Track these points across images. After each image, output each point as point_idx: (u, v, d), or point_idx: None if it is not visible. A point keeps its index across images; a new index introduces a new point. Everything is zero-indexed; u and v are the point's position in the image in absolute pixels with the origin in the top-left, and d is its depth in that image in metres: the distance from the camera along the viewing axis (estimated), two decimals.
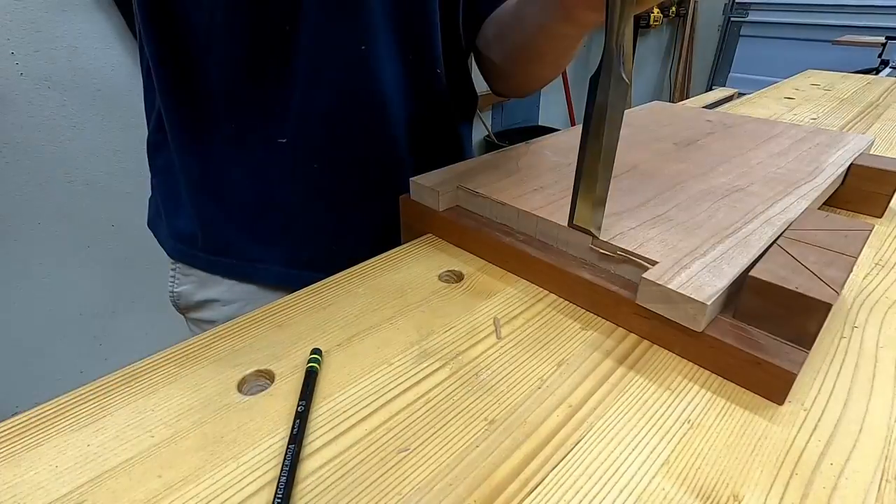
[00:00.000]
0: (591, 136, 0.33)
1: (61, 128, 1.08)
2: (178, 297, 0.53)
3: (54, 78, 1.04)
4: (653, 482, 0.24)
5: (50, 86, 1.04)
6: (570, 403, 0.28)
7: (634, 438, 0.26)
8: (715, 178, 0.45)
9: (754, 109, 0.87)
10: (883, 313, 0.35)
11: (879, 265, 0.41)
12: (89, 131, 1.11)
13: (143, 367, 0.30)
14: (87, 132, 1.11)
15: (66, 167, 1.11)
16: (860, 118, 0.82)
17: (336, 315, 0.35)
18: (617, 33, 0.29)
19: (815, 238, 0.33)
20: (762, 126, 0.60)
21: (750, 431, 0.26)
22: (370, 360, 0.31)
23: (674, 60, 3.54)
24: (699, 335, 0.29)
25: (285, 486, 0.22)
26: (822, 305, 0.27)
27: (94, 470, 0.24)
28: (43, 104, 1.04)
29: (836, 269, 0.30)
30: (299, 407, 0.26)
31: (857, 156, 0.50)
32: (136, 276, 1.27)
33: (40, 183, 1.08)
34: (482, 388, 0.29)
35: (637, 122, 0.62)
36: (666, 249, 0.33)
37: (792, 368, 0.27)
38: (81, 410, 0.27)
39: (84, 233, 1.18)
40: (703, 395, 0.29)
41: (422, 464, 0.24)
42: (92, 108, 1.10)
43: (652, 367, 0.30)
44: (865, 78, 1.13)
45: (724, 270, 0.30)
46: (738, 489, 0.23)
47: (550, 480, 0.24)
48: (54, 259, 1.16)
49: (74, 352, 1.26)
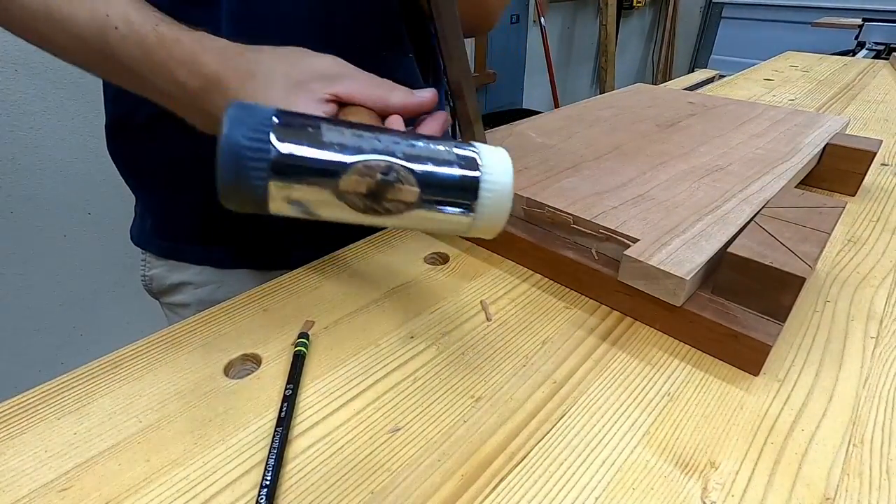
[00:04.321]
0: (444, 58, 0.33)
1: (31, 114, 1.04)
2: (150, 281, 0.52)
3: (22, 61, 1.00)
4: (634, 452, 0.24)
5: (18, 69, 1.00)
6: (554, 380, 0.28)
7: (616, 412, 0.27)
8: (696, 158, 0.45)
9: (735, 91, 0.88)
10: (854, 288, 0.36)
11: (852, 241, 0.42)
12: (60, 117, 1.08)
13: (128, 354, 0.29)
14: (57, 118, 1.08)
15: (38, 155, 1.07)
16: (836, 99, 0.84)
17: (322, 298, 0.35)
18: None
19: (791, 215, 0.34)
20: (742, 108, 0.61)
21: (727, 402, 0.27)
22: (357, 342, 0.31)
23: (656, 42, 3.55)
24: (679, 310, 0.30)
25: (274, 467, 0.23)
26: (796, 279, 0.28)
27: (81, 456, 0.23)
28: (12, 89, 1.00)
29: (811, 244, 0.31)
30: (287, 390, 0.27)
31: (832, 136, 0.51)
32: (115, 264, 1.25)
33: (11, 171, 1.05)
34: (468, 367, 0.29)
35: (620, 104, 0.62)
36: (647, 227, 0.33)
37: (767, 341, 0.28)
38: (66, 397, 0.26)
39: (59, 222, 1.15)
40: (683, 368, 0.29)
41: (410, 441, 0.25)
42: (63, 93, 1.07)
43: (633, 342, 0.31)
44: (842, 60, 1.15)
45: (703, 247, 0.31)
46: (714, 457, 0.24)
47: (536, 453, 0.24)
48: (30, 250, 1.13)
49: (55, 343, 1.24)
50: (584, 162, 0.44)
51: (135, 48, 0.31)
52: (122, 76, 0.34)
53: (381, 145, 0.19)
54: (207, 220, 0.48)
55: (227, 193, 0.18)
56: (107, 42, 0.31)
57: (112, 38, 0.31)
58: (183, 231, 0.49)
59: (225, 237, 0.49)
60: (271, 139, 0.17)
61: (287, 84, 0.30)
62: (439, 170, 0.20)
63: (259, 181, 0.18)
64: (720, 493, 0.23)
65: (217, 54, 0.31)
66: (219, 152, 0.17)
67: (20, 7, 0.32)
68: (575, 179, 0.40)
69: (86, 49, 0.33)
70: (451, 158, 0.20)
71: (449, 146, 0.21)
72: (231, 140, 0.17)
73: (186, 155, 0.45)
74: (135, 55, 0.32)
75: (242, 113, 0.18)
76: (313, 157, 0.18)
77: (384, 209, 0.20)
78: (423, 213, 0.20)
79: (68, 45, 0.33)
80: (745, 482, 0.23)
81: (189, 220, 0.49)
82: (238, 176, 0.17)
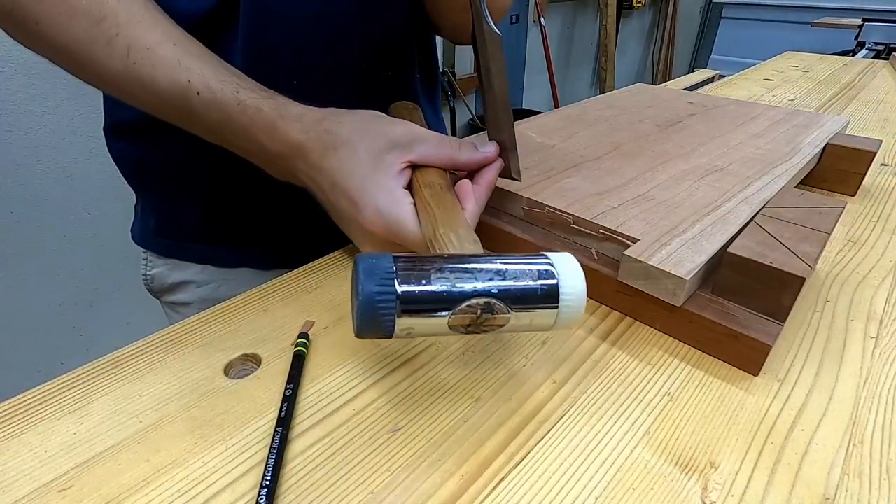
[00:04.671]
0: (486, 91, 0.35)
1: (31, 114, 1.04)
2: (151, 280, 0.53)
3: (22, 61, 1.00)
4: (634, 452, 0.24)
5: (18, 69, 1.00)
6: (554, 380, 0.28)
7: (616, 412, 0.27)
8: (695, 158, 0.45)
9: (735, 91, 0.88)
10: (854, 288, 0.36)
11: (851, 241, 0.42)
12: (60, 117, 1.08)
13: (127, 354, 0.29)
14: (58, 117, 1.08)
15: (38, 155, 1.07)
16: (836, 99, 0.84)
17: (322, 298, 0.35)
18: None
19: (791, 215, 0.34)
20: (742, 108, 0.61)
21: (727, 402, 0.27)
22: (357, 343, 0.31)
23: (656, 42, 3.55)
24: (679, 310, 0.30)
25: (274, 467, 0.23)
26: (796, 279, 0.28)
27: (81, 456, 0.23)
28: (12, 89, 1.00)
29: (810, 244, 0.31)
30: (287, 390, 0.27)
31: (832, 136, 0.51)
32: (115, 264, 1.25)
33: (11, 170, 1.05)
34: (468, 367, 0.29)
35: (620, 104, 0.62)
36: (647, 227, 0.33)
37: (767, 341, 0.28)
38: (66, 397, 0.26)
39: (59, 222, 1.15)
40: (683, 368, 0.29)
41: (410, 441, 0.25)
42: (63, 93, 1.07)
43: (633, 342, 0.31)
44: (842, 60, 1.15)
45: (703, 247, 0.31)
46: (714, 457, 0.24)
47: (536, 453, 0.24)
48: (30, 249, 1.13)
49: (55, 343, 1.24)
50: (584, 162, 0.44)
51: (216, 113, 0.33)
52: (200, 131, 0.36)
53: (481, 285, 0.23)
54: (209, 219, 0.49)
55: (362, 331, 0.23)
56: (188, 104, 0.33)
57: (194, 102, 0.33)
58: (185, 230, 0.49)
59: (226, 237, 0.49)
60: (396, 288, 0.22)
61: (368, 158, 0.32)
62: (526, 290, 0.24)
63: (389, 322, 0.22)
64: (720, 493, 0.23)
65: (297, 122, 0.33)
66: (356, 300, 0.22)
67: (98, 64, 0.32)
68: (575, 179, 0.40)
69: (166, 107, 0.34)
70: (534, 276, 0.24)
71: (529, 265, 0.25)
72: (366, 290, 0.22)
73: (188, 156, 0.45)
74: (216, 118, 0.33)
75: (371, 266, 0.22)
76: (427, 304, 0.23)
77: (481, 331, 0.24)
78: (514, 324, 0.24)
79: (147, 102, 0.34)
80: (745, 482, 0.23)
81: (191, 220, 0.49)
82: (373, 319, 0.22)
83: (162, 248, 0.51)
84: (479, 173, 0.36)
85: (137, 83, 0.33)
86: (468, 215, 0.32)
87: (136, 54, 0.32)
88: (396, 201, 0.31)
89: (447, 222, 0.30)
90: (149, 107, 0.35)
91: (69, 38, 0.32)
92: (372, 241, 0.33)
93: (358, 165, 0.32)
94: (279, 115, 0.33)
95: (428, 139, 0.34)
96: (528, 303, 0.24)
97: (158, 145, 0.46)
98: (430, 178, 0.33)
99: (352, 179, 0.32)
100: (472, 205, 0.33)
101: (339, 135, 0.33)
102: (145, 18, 0.33)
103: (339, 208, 0.33)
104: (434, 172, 0.34)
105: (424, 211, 0.31)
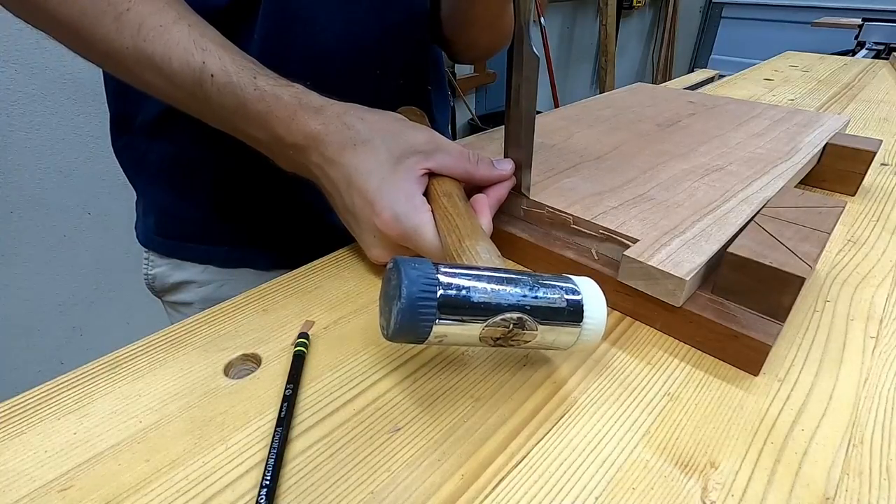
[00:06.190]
0: (511, 106, 0.35)
1: (31, 114, 1.04)
2: (153, 280, 0.53)
3: (23, 61, 1.00)
4: (634, 452, 0.24)
5: (18, 69, 1.00)
6: (554, 380, 0.28)
7: (616, 412, 0.27)
8: (695, 157, 0.45)
9: (735, 90, 0.88)
10: (854, 287, 0.36)
11: (851, 241, 0.42)
12: (60, 117, 1.08)
13: (127, 354, 0.29)
14: (57, 117, 1.08)
15: (38, 155, 1.07)
16: (836, 99, 0.84)
17: (322, 298, 0.35)
18: (524, 11, 0.31)
19: (791, 215, 0.34)
20: (742, 107, 0.61)
21: (727, 402, 0.27)
22: (357, 342, 0.31)
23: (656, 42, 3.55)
24: (678, 310, 0.30)
25: (274, 467, 0.23)
26: (796, 279, 0.28)
27: (81, 456, 0.23)
28: (12, 89, 1.00)
29: (811, 244, 0.31)
30: (287, 390, 0.27)
31: (832, 135, 0.51)
32: (115, 264, 1.25)
33: (11, 171, 1.05)
34: (468, 367, 0.29)
35: (620, 104, 0.62)
36: (647, 227, 0.33)
37: (767, 340, 0.28)
38: (66, 397, 0.26)
39: (59, 222, 1.15)
40: (683, 368, 0.29)
41: (410, 441, 0.25)
42: (63, 93, 1.07)
43: (633, 342, 0.31)
44: (842, 59, 1.15)
45: (703, 247, 0.31)
46: (714, 457, 0.24)
47: (536, 453, 0.24)
48: (30, 250, 1.13)
49: (54, 343, 1.24)
50: (584, 162, 0.44)
51: (230, 98, 0.32)
52: (210, 117, 0.34)
53: (514, 300, 0.24)
54: (211, 219, 0.49)
55: (398, 334, 0.23)
56: (201, 87, 0.31)
57: (207, 86, 0.31)
58: (187, 230, 0.49)
59: (228, 237, 0.49)
60: (438, 295, 0.22)
61: (389, 160, 0.32)
62: (555, 306, 0.25)
63: (426, 328, 0.22)
64: (720, 493, 0.23)
65: (317, 113, 0.32)
66: (396, 302, 0.22)
67: (105, 40, 0.31)
68: (575, 179, 0.40)
69: (176, 90, 0.32)
70: (561, 294, 0.25)
71: (556, 282, 0.25)
72: (410, 294, 0.21)
73: (191, 154, 0.45)
74: (229, 104, 0.32)
75: (415, 271, 0.22)
76: (466, 314, 0.23)
77: (508, 345, 0.25)
78: (539, 340, 0.25)
79: (156, 84, 0.33)
80: (745, 482, 0.23)
81: (193, 220, 0.49)
82: (412, 323, 0.22)
83: (163, 247, 0.51)
84: (491, 187, 0.36)
85: (147, 62, 0.31)
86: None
87: (147, 31, 0.30)
88: (415, 208, 0.31)
89: (471, 234, 0.30)
90: (157, 89, 0.33)
91: (75, 11, 0.30)
92: (382, 243, 0.33)
93: (378, 166, 0.32)
94: (299, 105, 0.32)
95: (449, 150, 0.34)
96: (556, 320, 0.25)
97: (161, 143, 0.46)
98: (447, 188, 0.33)
99: (370, 180, 0.31)
100: (485, 219, 0.33)
101: (360, 132, 0.32)
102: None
103: (352, 206, 0.33)
104: (451, 183, 0.34)
105: (445, 220, 0.31)
